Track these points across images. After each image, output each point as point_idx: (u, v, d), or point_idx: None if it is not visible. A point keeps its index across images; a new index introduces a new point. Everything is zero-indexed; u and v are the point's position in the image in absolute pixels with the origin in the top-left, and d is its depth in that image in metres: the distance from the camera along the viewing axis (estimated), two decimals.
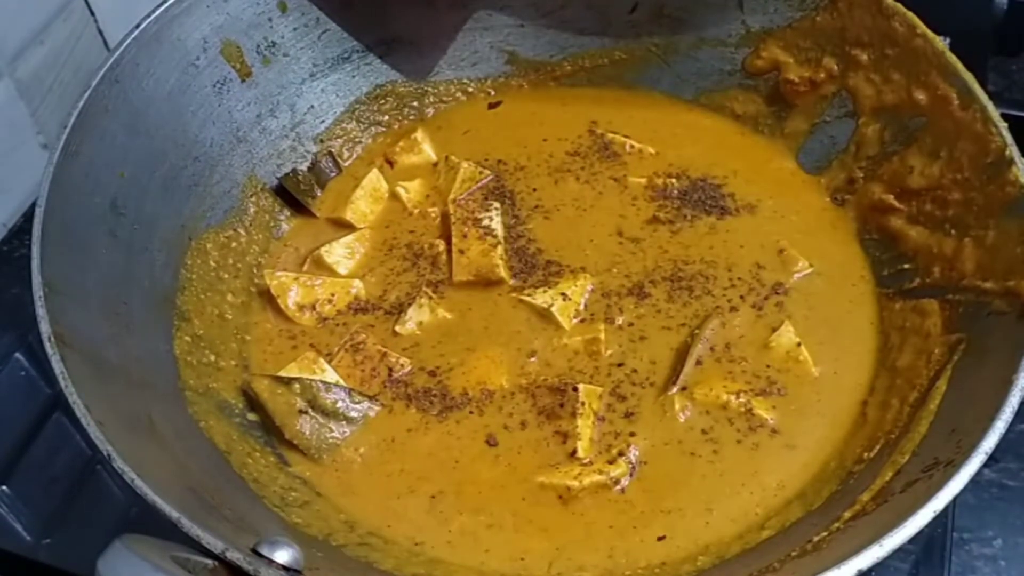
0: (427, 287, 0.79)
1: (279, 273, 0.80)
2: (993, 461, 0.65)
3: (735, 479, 0.68)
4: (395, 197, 0.87)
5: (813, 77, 0.85)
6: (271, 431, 0.72)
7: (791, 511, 0.66)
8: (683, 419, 0.71)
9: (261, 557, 0.53)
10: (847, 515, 0.61)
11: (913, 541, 0.54)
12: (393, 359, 0.75)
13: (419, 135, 0.91)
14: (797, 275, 0.79)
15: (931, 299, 0.72)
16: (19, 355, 0.85)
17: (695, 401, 0.72)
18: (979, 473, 0.55)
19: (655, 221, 0.84)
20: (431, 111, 0.95)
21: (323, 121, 0.90)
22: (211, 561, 0.52)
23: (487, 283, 0.80)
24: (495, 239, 0.81)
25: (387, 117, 0.93)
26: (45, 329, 0.61)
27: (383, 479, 0.70)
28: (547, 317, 0.77)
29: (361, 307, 0.80)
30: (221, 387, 0.73)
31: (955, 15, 0.80)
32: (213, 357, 0.75)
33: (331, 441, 0.71)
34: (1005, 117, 0.71)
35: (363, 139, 0.92)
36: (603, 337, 0.75)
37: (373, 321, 0.79)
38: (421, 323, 0.78)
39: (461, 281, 0.80)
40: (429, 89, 0.94)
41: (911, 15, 0.78)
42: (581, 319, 0.78)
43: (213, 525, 0.55)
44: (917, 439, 0.63)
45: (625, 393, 0.73)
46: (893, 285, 0.77)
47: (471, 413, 0.73)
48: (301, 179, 0.87)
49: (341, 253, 0.83)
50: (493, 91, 0.96)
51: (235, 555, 0.52)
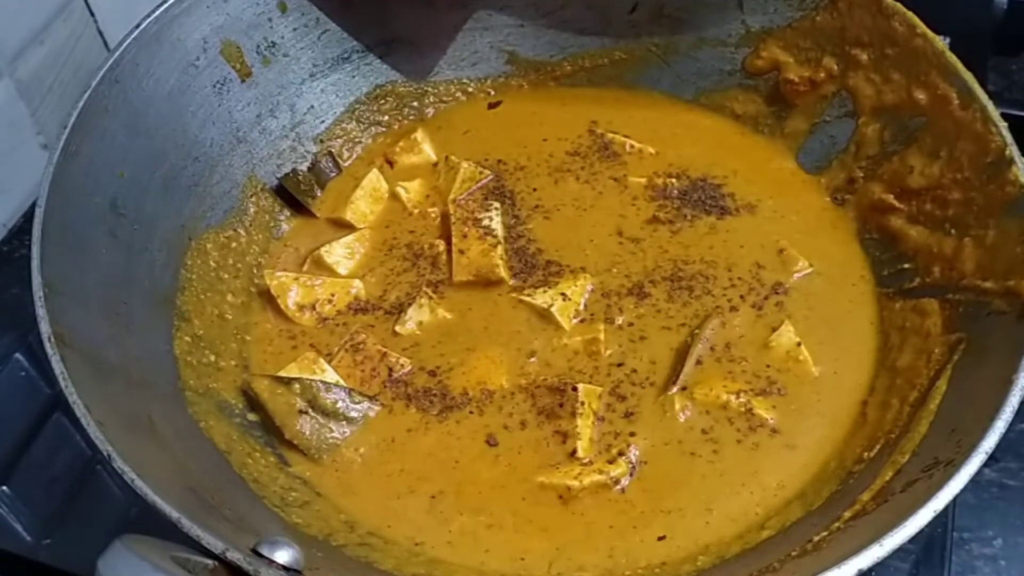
0: (427, 287, 0.79)
1: (279, 273, 0.80)
2: (993, 461, 0.65)
3: (735, 479, 0.68)
4: (395, 197, 0.87)
5: (813, 77, 0.85)
6: (271, 431, 0.72)
7: (791, 511, 0.66)
8: (683, 419, 0.71)
9: (261, 557, 0.53)
10: (847, 515, 0.61)
11: (913, 541, 0.54)
12: (393, 359, 0.75)
13: (419, 135, 0.91)
14: (797, 275, 0.79)
15: (931, 299, 0.72)
16: (19, 355, 0.85)
17: (695, 401, 0.72)
18: (979, 473, 0.55)
19: (655, 221, 0.84)
20: (431, 111, 0.94)
21: (323, 121, 0.90)
22: (211, 561, 0.52)
23: (487, 283, 0.80)
24: (495, 239, 0.81)
25: (387, 117, 0.93)
26: (45, 329, 0.61)
27: (383, 479, 0.70)
28: (547, 317, 0.77)
29: (361, 307, 0.80)
30: (221, 387, 0.73)
31: (955, 15, 0.80)
32: (213, 357, 0.75)
33: (331, 441, 0.71)
34: (1005, 117, 0.71)
35: (363, 139, 0.92)
36: (603, 337, 0.75)
37: (373, 321, 0.79)
38: (421, 323, 0.78)
39: (461, 281, 0.80)
40: (429, 89, 0.94)
41: (911, 15, 0.78)
42: (581, 319, 0.77)
43: (213, 525, 0.55)
44: (917, 439, 0.63)
45: (625, 393, 0.73)
46: (893, 285, 0.77)
47: (471, 413, 0.73)
48: (301, 179, 0.87)
49: (341, 253, 0.83)
50: (493, 91, 0.96)
51: (235, 555, 0.52)
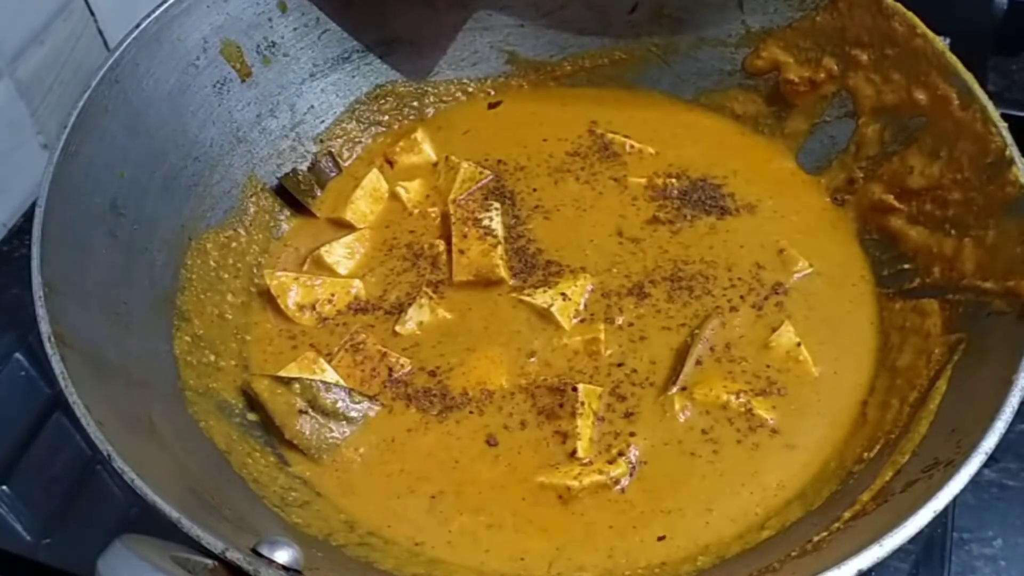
0: (427, 287, 0.79)
1: (279, 273, 0.80)
2: (993, 461, 0.65)
3: (735, 479, 0.68)
4: (395, 197, 0.87)
5: (813, 77, 0.85)
6: (271, 431, 0.72)
7: (791, 511, 0.66)
8: (683, 419, 0.71)
9: (261, 557, 0.53)
10: (847, 515, 0.61)
11: (913, 541, 0.54)
12: (393, 359, 0.75)
13: (419, 135, 0.91)
14: (797, 275, 0.79)
15: (931, 299, 0.72)
16: (19, 355, 0.85)
17: (695, 401, 0.72)
18: (979, 473, 0.55)
19: (655, 221, 0.84)
20: (431, 111, 0.94)
21: (323, 121, 0.90)
22: (211, 561, 0.52)
23: (487, 283, 0.80)
24: (495, 239, 0.81)
25: (387, 117, 0.93)
26: (45, 329, 0.61)
27: (383, 479, 0.70)
28: (547, 317, 0.77)
29: (361, 307, 0.80)
30: (221, 387, 0.73)
31: (955, 15, 0.80)
32: (213, 357, 0.75)
33: (331, 441, 0.71)
34: (1005, 117, 0.71)
35: (363, 139, 0.92)
36: (603, 337, 0.75)
37: (373, 321, 0.79)
38: (421, 323, 0.78)
39: (461, 281, 0.80)
40: (429, 89, 0.94)
41: (911, 15, 0.78)
42: (581, 319, 0.77)
43: (213, 525, 0.55)
44: (917, 439, 0.63)
45: (625, 393, 0.73)
46: (893, 285, 0.77)
47: (471, 413, 0.73)
48: (301, 179, 0.87)
49: (341, 253, 0.83)
50: (493, 91, 0.96)
51: (235, 555, 0.52)
